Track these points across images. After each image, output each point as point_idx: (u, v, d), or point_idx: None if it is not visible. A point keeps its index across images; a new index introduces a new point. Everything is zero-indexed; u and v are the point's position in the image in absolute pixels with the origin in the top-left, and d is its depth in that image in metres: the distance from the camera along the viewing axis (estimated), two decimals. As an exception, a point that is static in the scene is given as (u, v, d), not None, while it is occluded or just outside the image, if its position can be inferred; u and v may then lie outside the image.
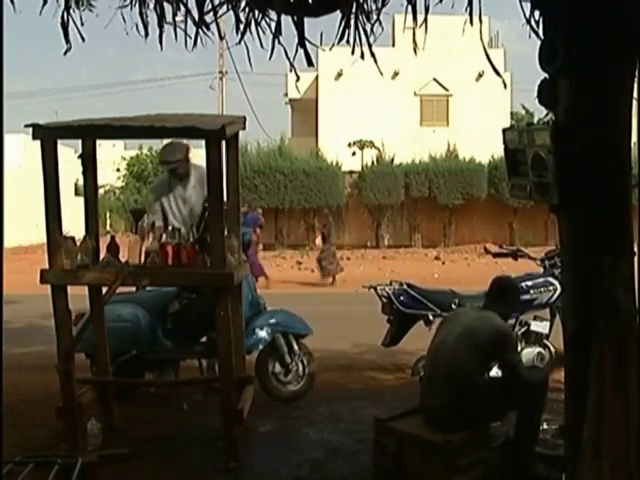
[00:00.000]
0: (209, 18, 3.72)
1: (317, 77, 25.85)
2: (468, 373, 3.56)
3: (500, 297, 3.90)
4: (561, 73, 2.77)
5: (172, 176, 5.10)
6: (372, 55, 3.66)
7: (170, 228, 4.14)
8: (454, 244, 22.61)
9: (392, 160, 23.34)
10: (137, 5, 3.94)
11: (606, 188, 2.76)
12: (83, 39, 4.02)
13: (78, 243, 3.92)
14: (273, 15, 3.57)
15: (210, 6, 3.64)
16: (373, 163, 23.53)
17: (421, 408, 3.75)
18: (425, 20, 3.52)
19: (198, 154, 4.70)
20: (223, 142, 3.90)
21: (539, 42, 2.88)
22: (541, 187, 2.88)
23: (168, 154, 5.01)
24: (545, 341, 5.45)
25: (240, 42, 3.68)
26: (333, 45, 3.59)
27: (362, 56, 3.65)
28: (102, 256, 4.01)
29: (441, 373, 3.64)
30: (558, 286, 5.33)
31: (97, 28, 4.06)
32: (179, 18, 3.88)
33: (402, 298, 5.35)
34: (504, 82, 3.87)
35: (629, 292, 2.70)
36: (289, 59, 3.52)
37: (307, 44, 3.37)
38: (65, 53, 4.00)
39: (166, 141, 5.11)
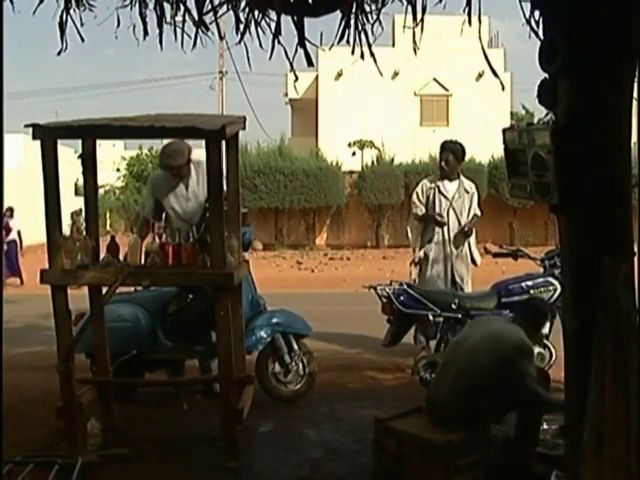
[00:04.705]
0: (209, 18, 3.71)
1: (317, 77, 25.86)
2: (480, 373, 3.57)
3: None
4: (561, 73, 2.77)
5: (171, 176, 4.94)
6: (372, 55, 3.66)
7: (173, 227, 4.13)
8: (454, 244, 22.56)
9: (392, 160, 23.32)
10: (137, 5, 3.94)
11: (606, 188, 2.76)
12: (83, 39, 4.02)
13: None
14: (273, 15, 3.57)
15: (210, 6, 3.63)
16: (373, 163, 23.51)
17: (427, 402, 3.76)
18: (422, 20, 3.52)
19: (198, 154, 4.68)
20: (223, 142, 3.90)
21: (539, 42, 2.88)
22: (541, 187, 2.88)
23: (170, 159, 4.75)
24: (545, 341, 5.45)
25: (240, 42, 3.67)
26: (333, 45, 3.58)
27: (362, 56, 3.64)
28: (102, 256, 4.02)
29: (455, 367, 3.67)
30: (558, 286, 5.33)
31: (97, 28, 4.06)
32: (179, 18, 3.88)
33: (402, 298, 5.35)
34: (502, 84, 3.86)
35: (629, 292, 2.69)
36: (289, 59, 3.51)
37: (307, 44, 3.37)
38: (59, 53, 3.99)
39: (165, 141, 4.92)
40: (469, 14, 3.24)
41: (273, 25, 3.52)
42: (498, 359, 3.58)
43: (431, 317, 5.36)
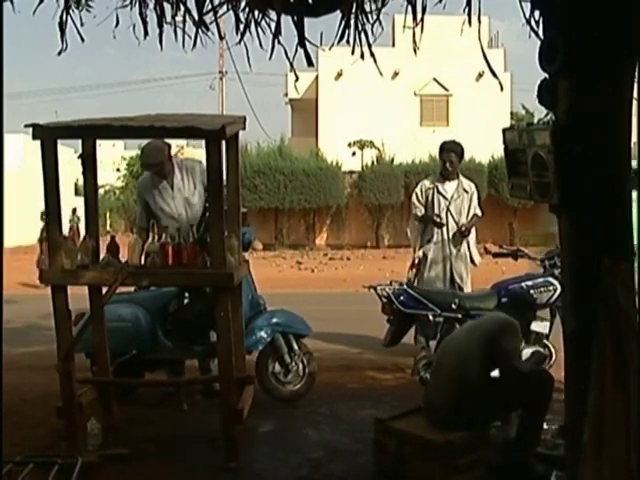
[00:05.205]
0: (209, 18, 3.72)
1: (317, 77, 25.86)
2: (472, 363, 3.59)
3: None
4: (561, 73, 2.77)
5: (155, 175, 5.00)
6: (372, 55, 3.66)
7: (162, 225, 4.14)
8: (454, 244, 22.58)
9: (392, 160, 23.34)
10: (137, 5, 3.94)
11: (606, 188, 2.76)
12: (83, 39, 4.02)
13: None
14: (273, 15, 3.57)
15: (210, 6, 3.63)
16: (373, 163, 23.53)
17: (424, 405, 3.76)
18: (422, 20, 3.52)
19: (198, 154, 4.69)
20: (223, 142, 3.90)
21: (539, 42, 2.88)
22: (541, 187, 2.88)
23: (149, 157, 4.88)
24: (545, 341, 5.45)
25: (240, 42, 3.67)
26: (333, 45, 3.58)
27: (362, 56, 3.64)
28: (102, 256, 4.02)
29: (447, 367, 3.68)
30: (558, 286, 5.32)
31: (97, 28, 4.06)
32: (179, 18, 3.88)
33: (402, 298, 5.34)
34: (501, 84, 3.87)
35: (629, 292, 2.69)
36: (289, 59, 3.51)
37: (307, 44, 3.37)
38: (59, 53, 3.99)
39: (144, 142, 5.00)
40: (469, 14, 3.24)
41: (273, 25, 3.52)
42: (483, 340, 3.65)
43: (431, 317, 5.35)
